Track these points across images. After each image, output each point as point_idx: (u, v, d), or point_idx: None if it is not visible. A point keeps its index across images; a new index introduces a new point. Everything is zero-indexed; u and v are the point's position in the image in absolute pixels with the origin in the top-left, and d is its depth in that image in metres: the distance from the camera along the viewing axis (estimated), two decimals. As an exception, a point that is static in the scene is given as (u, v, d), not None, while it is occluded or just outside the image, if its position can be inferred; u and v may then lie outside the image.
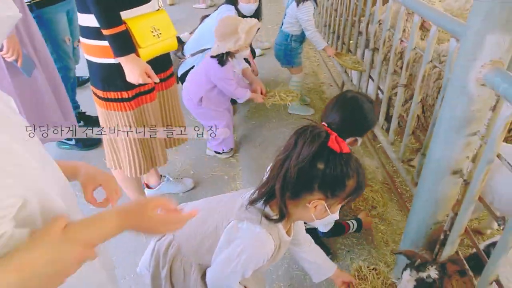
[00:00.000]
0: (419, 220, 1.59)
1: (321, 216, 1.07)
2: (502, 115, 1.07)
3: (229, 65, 2.46)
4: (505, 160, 1.12)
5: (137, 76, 1.56)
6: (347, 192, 1.03)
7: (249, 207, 1.09)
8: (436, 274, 1.35)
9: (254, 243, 1.06)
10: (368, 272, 1.45)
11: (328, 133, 1.00)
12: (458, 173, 1.38)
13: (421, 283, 1.38)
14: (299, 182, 1.00)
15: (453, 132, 1.31)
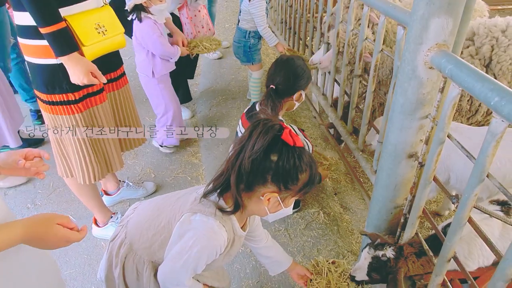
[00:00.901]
0: (380, 206, 1.61)
1: (275, 210, 1.07)
2: (449, 95, 1.09)
3: (148, 21, 2.31)
4: (455, 140, 1.15)
5: (81, 76, 1.46)
6: (299, 186, 1.04)
7: (203, 199, 1.07)
8: (392, 254, 1.39)
9: (207, 234, 1.04)
10: (324, 266, 1.45)
11: (282, 127, 1.00)
12: (414, 156, 1.41)
13: (376, 261, 1.42)
14: (253, 174, 1.00)
15: (407, 116, 1.33)
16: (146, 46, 2.40)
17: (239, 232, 1.14)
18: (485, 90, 0.92)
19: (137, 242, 1.16)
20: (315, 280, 1.43)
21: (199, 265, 1.06)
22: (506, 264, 0.90)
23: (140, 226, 1.16)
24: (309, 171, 1.04)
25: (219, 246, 1.06)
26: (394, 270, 1.38)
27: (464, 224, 1.09)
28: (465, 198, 1.04)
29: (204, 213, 1.05)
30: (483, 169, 0.98)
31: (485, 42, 1.71)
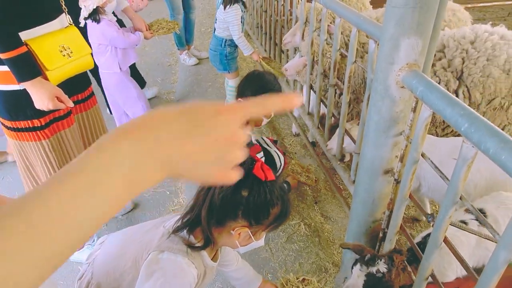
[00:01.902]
0: (358, 219, 1.62)
1: (245, 243, 1.06)
2: (421, 116, 1.10)
3: (105, 20, 2.39)
4: (429, 159, 1.16)
5: (46, 101, 1.41)
6: (270, 220, 1.03)
7: (172, 236, 1.04)
8: (385, 268, 1.37)
9: (175, 274, 1.01)
10: (294, 285, 1.44)
11: (254, 160, 0.98)
12: (390, 172, 1.41)
13: (371, 278, 1.39)
14: (223, 210, 0.98)
15: (381, 133, 1.34)
16: (110, 43, 2.47)
17: (210, 264, 1.12)
18: (455, 115, 0.92)
19: (104, 282, 1.12)
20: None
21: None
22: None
23: (106, 265, 1.12)
24: (281, 205, 1.03)
25: (189, 283, 1.03)
26: (390, 284, 1.36)
27: (440, 243, 1.10)
28: (440, 220, 1.05)
29: (172, 251, 1.02)
30: (456, 192, 0.98)
31: (456, 55, 1.74)
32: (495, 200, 1.56)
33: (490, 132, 0.82)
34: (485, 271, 0.89)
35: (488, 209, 1.51)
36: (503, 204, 1.51)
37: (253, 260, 1.99)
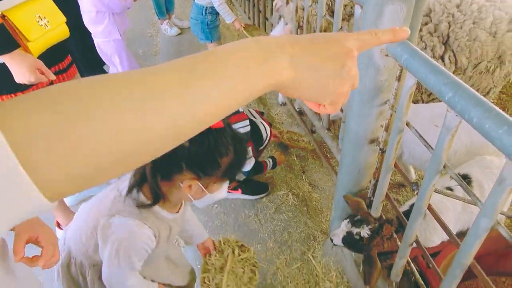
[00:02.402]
0: (345, 188, 1.63)
1: (199, 196, 1.03)
2: (406, 85, 1.08)
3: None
4: (413, 128, 1.15)
5: (27, 74, 1.36)
6: (222, 170, 0.98)
7: (125, 198, 1.03)
8: (367, 233, 1.41)
9: (127, 237, 1.02)
10: (230, 247, 1.42)
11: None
12: (375, 142, 1.41)
13: (349, 236, 1.44)
14: (166, 163, 0.95)
15: (366, 103, 1.32)
16: (107, 8, 2.40)
17: (170, 217, 1.11)
18: (439, 83, 0.90)
19: (73, 248, 1.13)
20: (214, 256, 1.40)
21: (133, 264, 1.04)
22: (463, 254, 0.93)
23: (75, 232, 1.14)
24: (233, 154, 0.97)
25: (145, 243, 1.03)
26: (367, 248, 1.40)
27: (424, 211, 1.11)
28: (424, 188, 1.06)
29: (122, 214, 1.01)
30: (440, 161, 0.98)
31: (442, 20, 1.70)
32: (479, 164, 1.58)
33: (474, 101, 0.81)
34: (467, 237, 0.91)
35: (473, 174, 1.53)
36: (488, 169, 1.53)
37: (242, 232, 2.01)
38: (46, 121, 0.28)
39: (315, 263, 1.81)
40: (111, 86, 0.32)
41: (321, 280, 1.74)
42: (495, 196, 0.79)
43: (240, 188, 2.17)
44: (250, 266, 1.40)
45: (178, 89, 0.34)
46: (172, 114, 0.33)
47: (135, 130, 0.32)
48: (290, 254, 1.88)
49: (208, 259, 1.41)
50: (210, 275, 1.35)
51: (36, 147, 0.28)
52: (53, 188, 0.29)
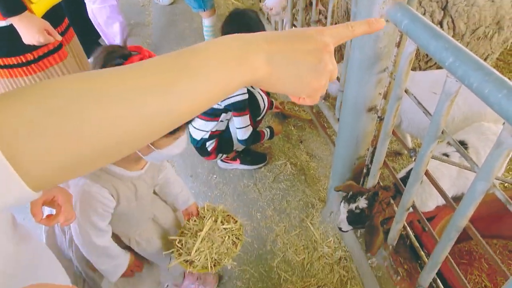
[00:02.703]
0: (343, 156, 1.65)
1: (146, 152, 1.06)
2: (405, 51, 1.07)
3: None
4: (412, 95, 1.15)
5: (36, 35, 1.39)
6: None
7: None
8: (365, 203, 1.44)
9: (81, 197, 1.06)
10: (209, 213, 1.40)
11: (130, 53, 0.93)
12: (373, 110, 1.41)
13: (351, 214, 1.47)
14: None
15: (365, 71, 1.31)
16: None
17: (132, 175, 1.14)
18: (440, 49, 0.90)
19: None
20: (193, 221, 1.39)
21: (97, 225, 1.11)
22: (458, 216, 0.96)
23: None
24: None
25: (99, 202, 1.08)
26: (370, 217, 1.43)
27: (422, 177, 1.14)
28: (422, 155, 1.07)
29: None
30: (438, 127, 0.99)
31: (441, -17, 1.66)
32: (476, 131, 1.60)
33: (475, 65, 0.81)
34: (463, 200, 0.93)
35: (470, 141, 1.56)
36: (484, 135, 1.55)
37: (242, 201, 2.05)
38: (30, 116, 0.30)
39: (314, 229, 1.86)
40: (93, 83, 0.33)
41: (319, 245, 1.79)
42: (492, 160, 0.81)
43: (238, 159, 2.18)
44: (233, 238, 1.35)
45: (158, 88, 0.35)
46: (151, 110, 0.35)
47: (114, 125, 0.33)
48: (289, 221, 1.92)
49: (187, 223, 1.40)
50: (184, 239, 1.34)
51: (20, 141, 0.29)
52: (36, 179, 0.31)
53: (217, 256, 1.29)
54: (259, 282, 1.69)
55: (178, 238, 1.35)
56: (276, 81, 0.44)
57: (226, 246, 1.31)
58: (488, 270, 1.56)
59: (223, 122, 1.98)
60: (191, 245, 1.31)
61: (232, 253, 1.31)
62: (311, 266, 1.72)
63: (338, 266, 1.70)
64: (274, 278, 1.70)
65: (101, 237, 1.16)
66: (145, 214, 1.31)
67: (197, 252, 1.29)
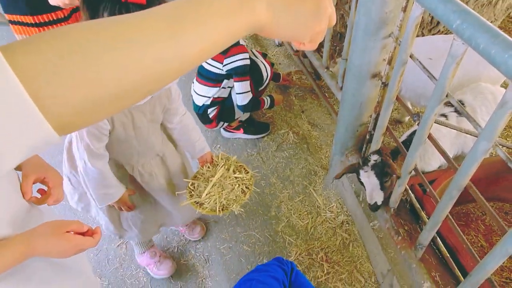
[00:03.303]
0: (346, 124, 1.68)
1: None
2: (412, 15, 1.08)
3: None
4: (417, 60, 1.17)
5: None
6: None
7: None
8: (377, 157, 1.45)
9: None
10: (224, 163, 1.47)
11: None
12: (377, 76, 1.43)
13: (377, 167, 1.45)
14: None
15: (371, 36, 1.32)
16: None
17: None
18: (448, 11, 0.91)
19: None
20: (206, 167, 1.46)
21: (91, 146, 1.17)
22: (460, 176, 1.00)
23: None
24: None
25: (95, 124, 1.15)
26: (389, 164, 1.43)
27: (425, 140, 1.17)
28: (426, 118, 1.10)
29: None
30: (443, 90, 1.01)
31: None
32: (473, 91, 1.63)
33: (482, 28, 0.82)
34: (465, 160, 0.97)
35: (467, 100, 1.59)
36: (481, 94, 1.59)
37: (246, 169, 2.09)
38: (50, 59, 0.31)
39: (316, 195, 1.92)
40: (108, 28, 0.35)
41: (322, 210, 1.85)
42: (496, 119, 0.84)
43: (242, 128, 2.21)
44: (243, 186, 1.42)
45: (166, 34, 0.37)
46: (164, 55, 0.37)
47: (129, 69, 0.35)
48: (293, 188, 1.97)
49: (201, 169, 1.47)
50: (197, 182, 1.42)
51: (43, 82, 0.31)
52: (60, 120, 0.33)
53: (226, 201, 1.36)
54: (265, 246, 1.76)
55: (191, 181, 1.43)
56: (277, 27, 0.45)
57: (235, 194, 1.38)
58: (484, 231, 1.63)
59: (225, 89, 1.99)
60: (202, 189, 1.39)
61: (241, 200, 1.37)
62: (315, 230, 1.78)
63: (340, 229, 1.77)
64: (279, 241, 1.77)
65: (96, 159, 1.21)
66: (146, 146, 1.35)
67: (208, 195, 1.36)
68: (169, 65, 0.38)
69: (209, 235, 1.86)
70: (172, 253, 1.82)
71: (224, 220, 1.90)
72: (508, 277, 1.47)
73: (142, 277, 1.77)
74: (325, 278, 1.61)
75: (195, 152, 1.48)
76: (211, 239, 1.84)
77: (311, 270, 1.64)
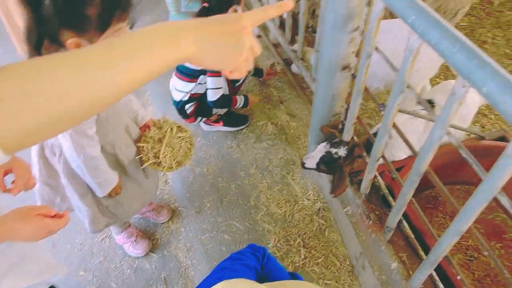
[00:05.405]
0: (320, 115, 1.74)
1: None
2: (374, 10, 1.13)
3: None
4: (382, 52, 1.23)
5: None
6: (96, 22, 0.98)
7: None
8: (344, 153, 1.55)
9: None
10: (168, 125, 1.59)
11: None
12: (347, 68, 1.49)
13: (328, 156, 1.57)
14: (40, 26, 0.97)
15: (338, 30, 1.37)
16: None
17: None
18: (404, 7, 0.96)
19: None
20: (153, 131, 1.57)
21: (86, 132, 1.23)
22: (419, 162, 1.07)
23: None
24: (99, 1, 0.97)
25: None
26: (342, 166, 1.54)
27: (390, 129, 1.24)
28: (389, 108, 1.17)
29: None
30: (403, 82, 1.07)
31: None
32: (443, 90, 1.71)
33: (433, 23, 0.88)
34: (423, 147, 1.04)
35: (436, 100, 1.67)
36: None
37: (226, 161, 2.14)
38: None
39: (294, 184, 1.98)
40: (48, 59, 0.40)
41: (299, 199, 1.92)
42: (447, 108, 0.90)
43: (221, 121, 2.25)
44: (187, 144, 1.59)
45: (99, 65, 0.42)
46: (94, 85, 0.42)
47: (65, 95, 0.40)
48: (271, 178, 2.03)
49: (147, 132, 1.58)
50: (149, 145, 1.53)
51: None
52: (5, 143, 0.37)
53: (179, 158, 1.53)
54: (245, 234, 1.82)
55: (145, 145, 1.53)
56: (203, 59, 0.53)
57: (183, 150, 1.56)
58: (451, 213, 1.72)
59: (202, 85, 2.02)
60: (156, 150, 1.53)
61: (190, 155, 1.58)
62: (293, 218, 1.85)
63: (317, 216, 1.84)
64: (258, 230, 1.83)
65: (93, 147, 1.28)
66: (119, 119, 1.44)
67: (163, 155, 1.51)
68: (101, 93, 0.42)
69: (191, 225, 1.91)
70: (155, 245, 1.87)
71: (205, 211, 1.95)
72: (472, 255, 1.57)
73: (126, 269, 1.82)
74: (302, 263, 1.69)
75: (138, 120, 1.58)
76: (193, 230, 1.89)
77: (289, 256, 1.71)
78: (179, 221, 1.94)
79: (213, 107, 2.05)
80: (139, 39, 0.46)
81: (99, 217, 1.53)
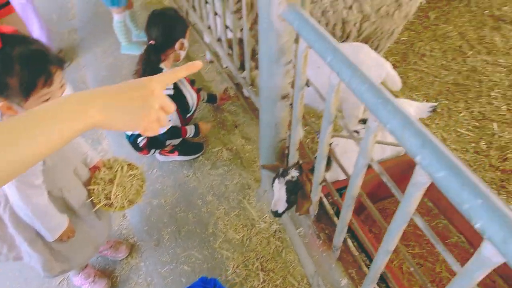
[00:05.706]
0: (267, 141, 1.81)
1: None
2: (299, 49, 1.21)
3: None
4: (312, 84, 1.31)
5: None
6: (18, 90, 1.03)
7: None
8: (297, 173, 1.59)
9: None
10: (118, 164, 1.62)
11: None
12: (286, 97, 1.57)
13: (290, 184, 1.60)
14: None
15: (274, 63, 1.45)
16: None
17: None
18: (323, 48, 1.05)
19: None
20: (103, 172, 1.59)
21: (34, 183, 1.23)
22: (351, 187, 1.15)
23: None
24: (20, 71, 1.00)
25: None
26: (303, 184, 1.58)
27: (326, 155, 1.31)
28: (322, 137, 1.25)
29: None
30: (330, 114, 1.16)
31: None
32: None
33: (347, 64, 0.97)
34: (352, 174, 1.12)
35: None
36: None
37: (183, 190, 2.16)
38: None
39: (251, 208, 2.03)
40: None
41: (256, 222, 1.97)
42: (366, 141, 0.99)
43: (176, 151, 2.27)
44: (138, 181, 1.62)
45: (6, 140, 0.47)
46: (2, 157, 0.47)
47: None
48: (228, 204, 2.07)
49: (97, 173, 1.59)
50: (100, 187, 1.54)
51: None
52: None
53: (130, 196, 1.55)
54: (204, 264, 1.84)
55: (95, 187, 1.54)
56: (111, 123, 0.57)
57: (135, 188, 1.59)
58: (398, 223, 1.82)
59: (154, 119, 2.04)
60: (107, 191, 1.54)
61: (142, 192, 1.60)
62: (250, 242, 1.89)
63: (274, 238, 1.89)
64: (217, 257, 1.85)
65: (40, 195, 1.28)
66: (68, 163, 1.44)
67: (115, 196, 1.52)
68: (10, 165, 0.47)
69: (150, 259, 1.90)
70: (114, 283, 1.85)
71: (164, 243, 1.95)
72: (418, 263, 1.67)
73: (85, 311, 1.78)
74: (261, 287, 1.73)
75: (87, 161, 1.59)
76: (153, 263, 1.88)
77: (248, 281, 1.75)
78: (138, 255, 1.94)
79: (161, 139, 2.07)
80: (44, 111, 0.50)
81: (52, 262, 1.51)
